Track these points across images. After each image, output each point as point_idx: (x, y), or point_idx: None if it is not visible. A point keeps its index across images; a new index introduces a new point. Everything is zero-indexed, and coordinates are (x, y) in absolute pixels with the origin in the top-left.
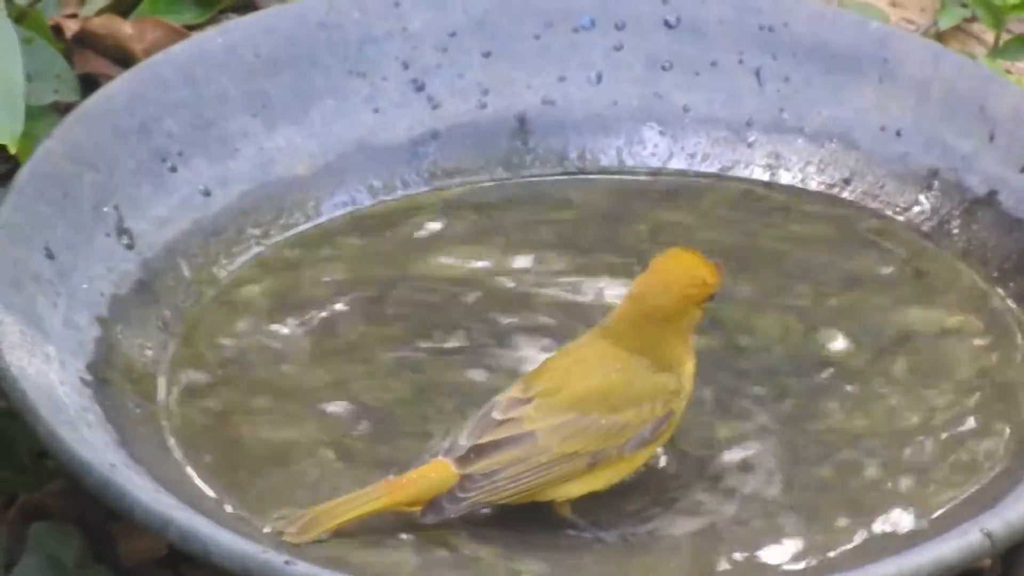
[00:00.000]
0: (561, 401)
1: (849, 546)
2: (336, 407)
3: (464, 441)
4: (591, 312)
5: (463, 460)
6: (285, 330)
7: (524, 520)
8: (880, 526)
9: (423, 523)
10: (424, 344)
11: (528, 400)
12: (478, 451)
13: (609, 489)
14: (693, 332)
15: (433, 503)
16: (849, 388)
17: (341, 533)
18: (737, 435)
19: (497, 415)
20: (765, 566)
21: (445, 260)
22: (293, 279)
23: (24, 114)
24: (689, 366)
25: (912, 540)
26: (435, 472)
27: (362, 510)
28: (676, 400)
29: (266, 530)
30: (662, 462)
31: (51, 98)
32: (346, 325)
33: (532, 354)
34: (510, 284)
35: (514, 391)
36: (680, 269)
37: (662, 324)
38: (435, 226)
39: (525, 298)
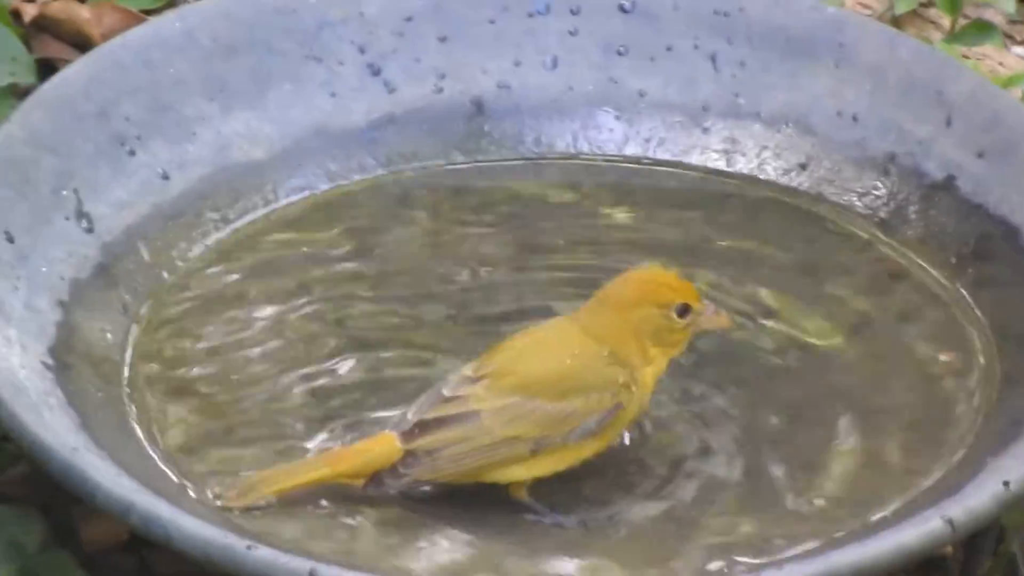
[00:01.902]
0: (509, 383)
1: (808, 531)
2: (300, 389)
3: (411, 416)
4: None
5: (408, 435)
6: (246, 313)
7: (483, 503)
8: (841, 511)
9: (365, 494)
10: (390, 321)
11: (478, 379)
12: (423, 427)
13: (557, 475)
14: (666, 347)
15: (375, 477)
16: (808, 374)
17: (303, 514)
18: (696, 419)
19: (446, 392)
20: (725, 550)
21: (403, 239)
22: (252, 263)
23: None
24: (648, 372)
25: (874, 527)
26: (379, 446)
27: (303, 478)
28: (626, 394)
29: (208, 494)
30: (620, 446)
31: (7, 81)
32: (309, 306)
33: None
34: (462, 273)
35: (466, 369)
36: (648, 272)
37: (621, 318)
38: (393, 209)
39: (486, 287)
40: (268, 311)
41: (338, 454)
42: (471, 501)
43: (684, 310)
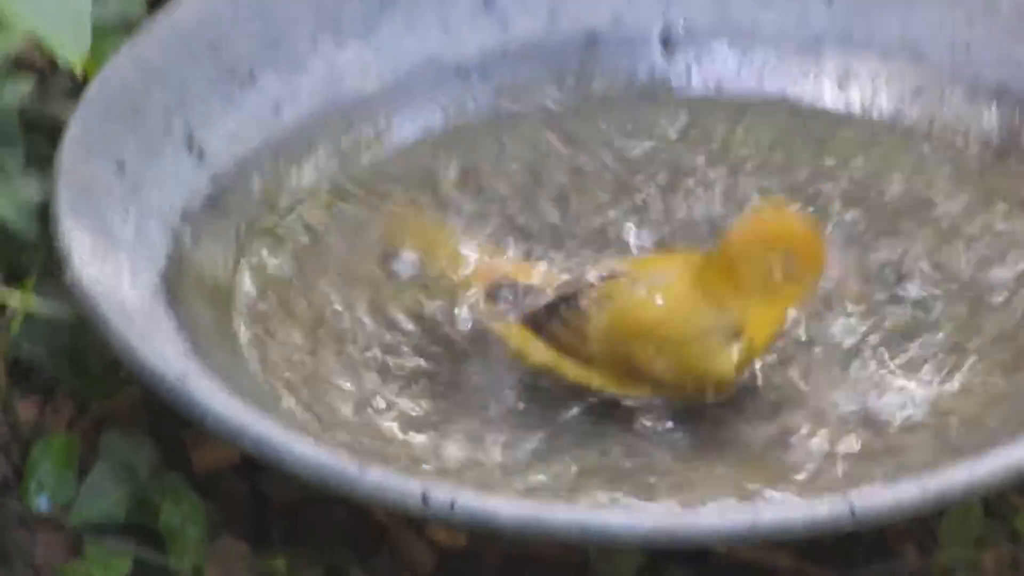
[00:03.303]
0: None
1: (917, 446)
2: (405, 324)
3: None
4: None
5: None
6: (357, 243)
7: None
8: (952, 433)
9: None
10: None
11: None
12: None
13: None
14: (778, 297)
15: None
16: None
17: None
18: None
19: (589, 278)
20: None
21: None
22: (363, 194)
23: (91, 34)
24: (761, 321)
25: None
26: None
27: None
28: (723, 354)
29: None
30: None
31: (117, 13)
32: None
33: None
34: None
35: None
36: (772, 214)
37: (731, 269)
38: (505, 141)
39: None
40: (376, 245)
41: (497, 267)
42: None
43: (792, 267)
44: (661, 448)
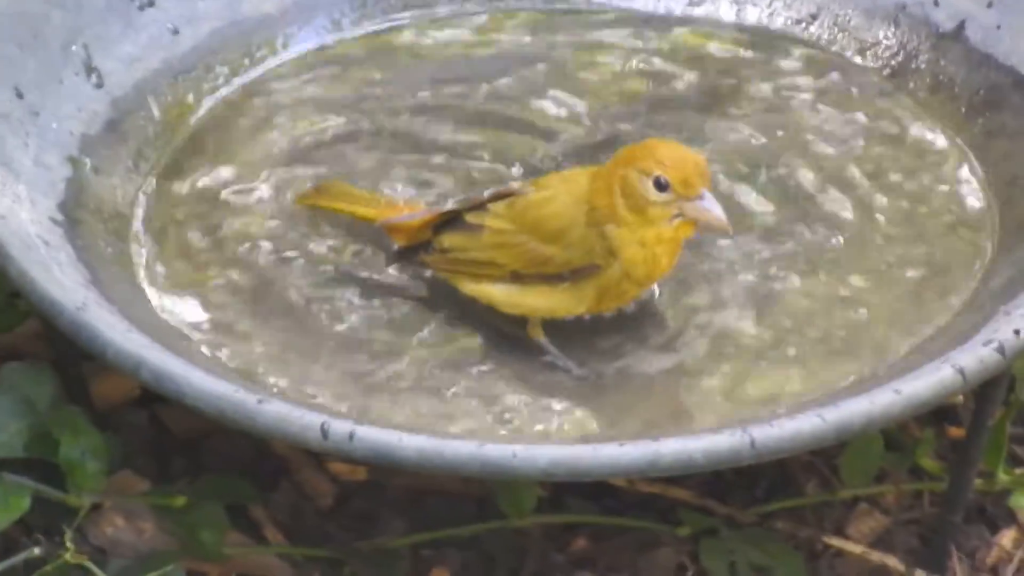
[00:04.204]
0: (514, 212)
1: (817, 383)
2: (319, 237)
3: (451, 205)
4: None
5: (437, 227)
6: (254, 166)
7: (504, 352)
8: (851, 365)
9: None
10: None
11: (506, 197)
12: (450, 222)
13: (567, 325)
14: (645, 219)
15: (405, 251)
16: (819, 234)
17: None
18: (711, 274)
19: (485, 195)
20: (736, 402)
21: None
22: (260, 116)
23: None
24: (638, 238)
25: (885, 378)
26: (419, 223)
27: (354, 208)
28: (605, 257)
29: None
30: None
31: None
32: (323, 150)
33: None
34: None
35: (512, 185)
36: (658, 141)
37: (610, 178)
38: (403, 60)
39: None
40: (283, 161)
41: (392, 205)
42: (492, 352)
43: (662, 185)
44: (563, 380)
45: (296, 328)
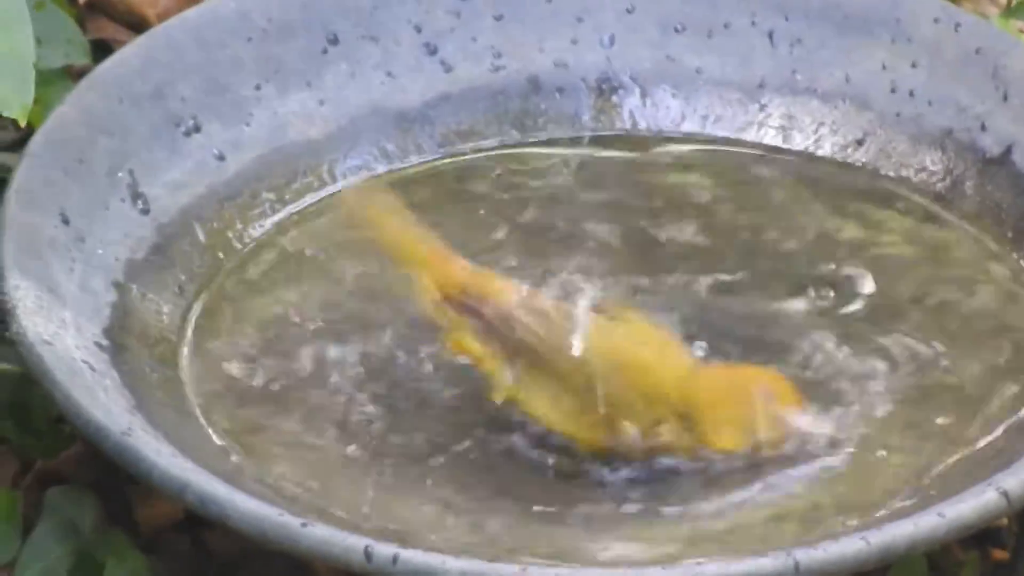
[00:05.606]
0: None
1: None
2: (356, 371)
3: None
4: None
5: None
6: (303, 295)
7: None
8: (893, 480)
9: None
10: None
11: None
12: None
13: None
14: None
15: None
16: (865, 341)
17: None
18: None
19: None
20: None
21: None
22: (309, 243)
23: (34, 85)
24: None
25: (929, 500)
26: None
27: (403, 241)
28: None
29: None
30: None
31: (62, 63)
32: (364, 287)
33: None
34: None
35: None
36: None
37: None
38: (450, 187)
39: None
40: (325, 292)
41: (454, 261)
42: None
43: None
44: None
45: (343, 447)
